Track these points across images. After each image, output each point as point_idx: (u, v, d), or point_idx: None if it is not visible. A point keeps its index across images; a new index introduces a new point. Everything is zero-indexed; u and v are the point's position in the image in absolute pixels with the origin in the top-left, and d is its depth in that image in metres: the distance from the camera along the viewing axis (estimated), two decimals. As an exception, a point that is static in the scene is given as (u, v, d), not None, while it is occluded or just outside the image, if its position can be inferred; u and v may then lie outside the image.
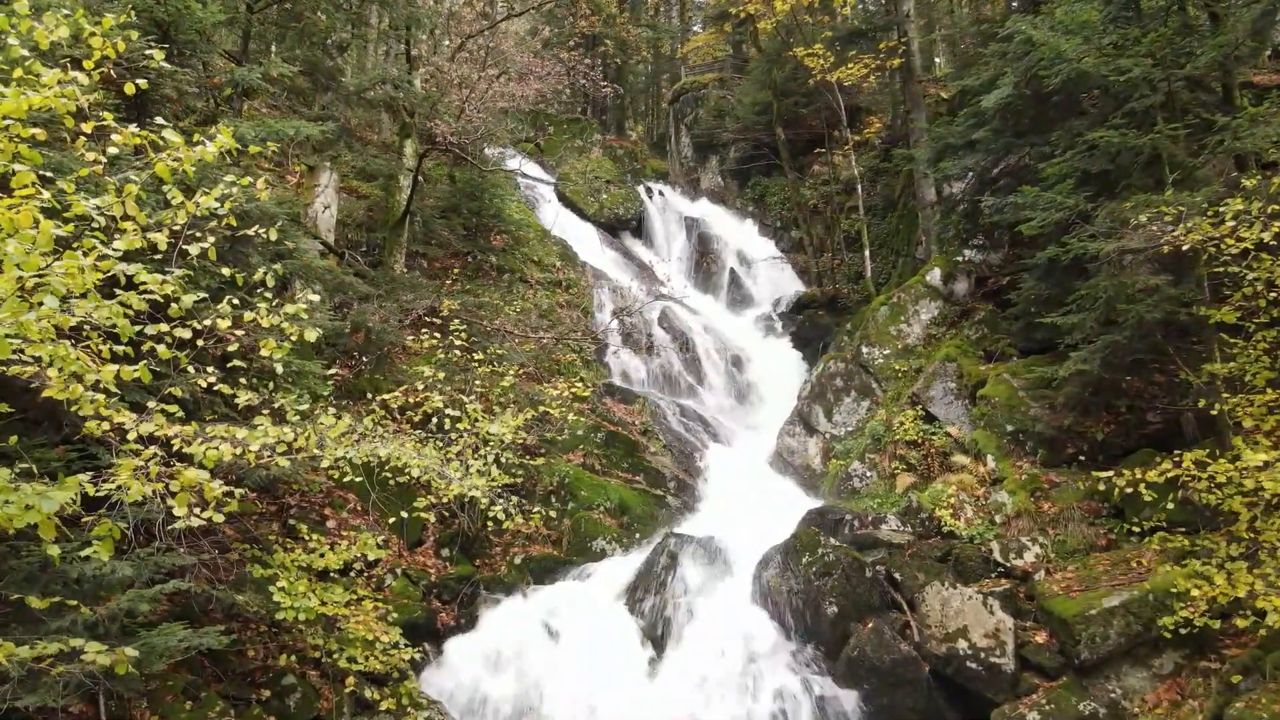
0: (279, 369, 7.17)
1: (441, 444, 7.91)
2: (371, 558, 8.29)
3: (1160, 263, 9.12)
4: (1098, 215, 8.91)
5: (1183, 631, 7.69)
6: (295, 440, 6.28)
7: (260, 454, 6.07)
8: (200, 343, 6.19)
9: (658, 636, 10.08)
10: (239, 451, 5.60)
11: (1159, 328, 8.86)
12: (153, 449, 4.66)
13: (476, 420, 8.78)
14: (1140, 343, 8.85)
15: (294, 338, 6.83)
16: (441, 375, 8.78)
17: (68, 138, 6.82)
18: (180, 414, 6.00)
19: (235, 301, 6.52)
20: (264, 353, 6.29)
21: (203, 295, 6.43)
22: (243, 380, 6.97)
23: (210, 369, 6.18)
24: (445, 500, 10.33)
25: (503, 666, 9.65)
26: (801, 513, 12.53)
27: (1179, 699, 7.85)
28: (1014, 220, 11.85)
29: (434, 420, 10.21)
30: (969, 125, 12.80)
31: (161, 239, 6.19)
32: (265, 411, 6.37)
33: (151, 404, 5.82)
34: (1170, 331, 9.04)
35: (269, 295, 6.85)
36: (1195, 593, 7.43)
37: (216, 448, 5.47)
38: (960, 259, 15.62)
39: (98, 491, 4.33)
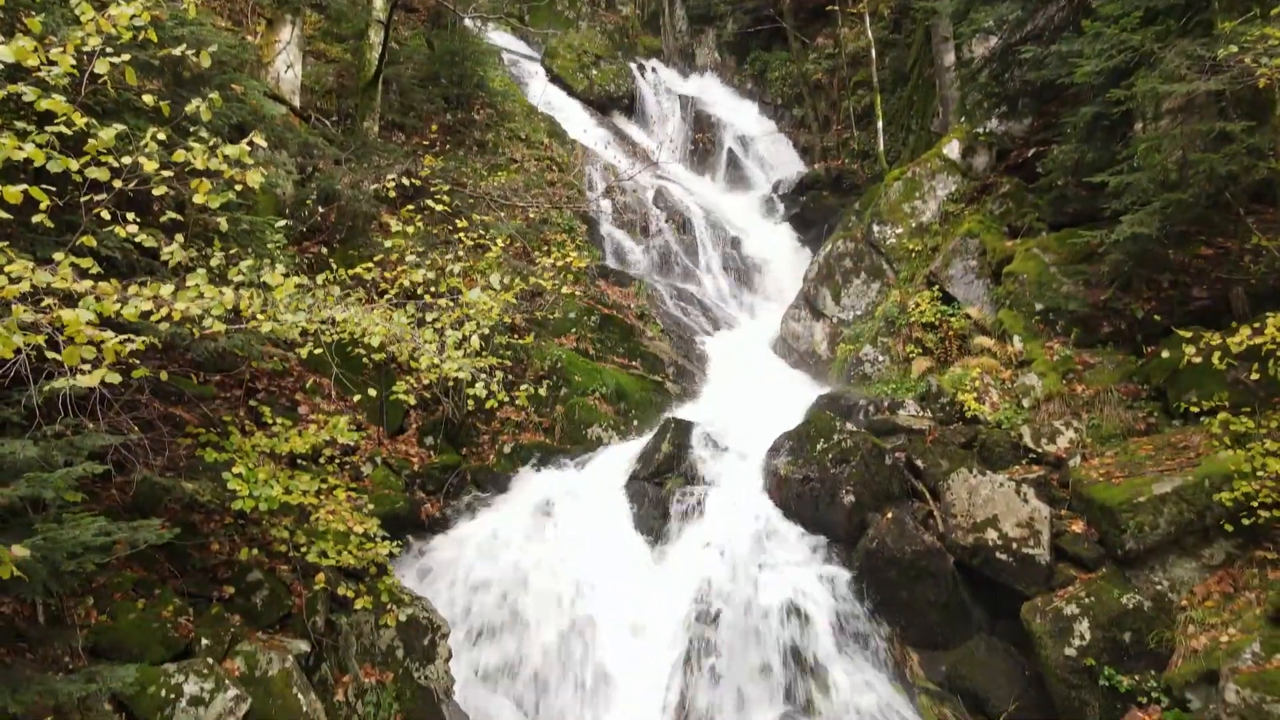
0: (223, 224, 6.15)
1: (417, 311, 6.94)
2: (343, 441, 7.42)
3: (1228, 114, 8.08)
4: (1165, 56, 7.78)
5: (1245, 521, 6.99)
6: (239, 304, 5.29)
7: (194, 319, 5.11)
8: (118, 184, 5.16)
9: (659, 527, 9.39)
10: (162, 312, 4.62)
11: (1227, 185, 7.85)
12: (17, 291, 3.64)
13: (458, 292, 7.79)
14: (1206, 201, 7.85)
15: (238, 186, 5.79)
16: (419, 237, 7.70)
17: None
18: (97, 270, 5.00)
19: (162, 137, 5.44)
20: (197, 198, 5.25)
21: (121, 128, 5.36)
22: (179, 236, 5.94)
23: (131, 216, 5.14)
24: (427, 383, 9.45)
25: (492, 559, 8.95)
26: (808, 400, 11.79)
27: (1232, 591, 7.20)
28: (1054, 77, 10.69)
29: (413, 299, 9.28)
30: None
31: (66, 60, 5.09)
32: (201, 270, 5.36)
33: (59, 255, 4.82)
34: (1239, 192, 8.05)
35: (205, 134, 5.79)
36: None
37: (135, 306, 4.50)
38: (981, 131, 14.43)
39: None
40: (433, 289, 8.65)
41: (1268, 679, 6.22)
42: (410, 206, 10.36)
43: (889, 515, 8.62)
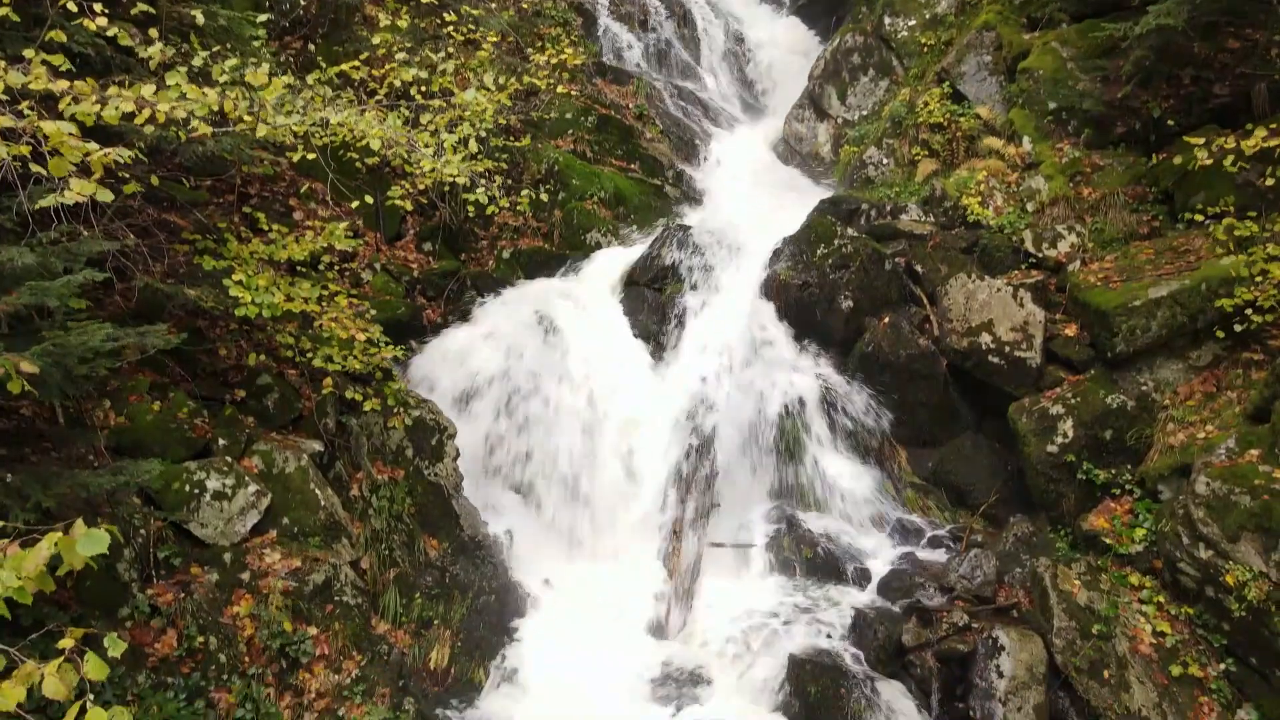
0: (199, 18, 5.83)
1: (409, 112, 6.70)
2: (341, 248, 7.41)
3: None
4: None
5: (1238, 328, 7.09)
6: (224, 105, 5.10)
7: (179, 121, 4.94)
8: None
9: (658, 331, 9.53)
10: (145, 114, 4.46)
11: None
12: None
13: (450, 92, 7.48)
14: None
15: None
16: (407, 32, 7.28)
17: None
18: (69, 68, 4.78)
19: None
20: (168, -11, 4.94)
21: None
22: (153, 31, 5.64)
23: (99, 9, 4.85)
24: (422, 188, 9.28)
25: (495, 361, 9.14)
26: (810, 203, 11.59)
27: (1214, 391, 7.42)
28: None
29: (404, 100, 8.93)
30: None
31: None
32: (181, 69, 5.12)
33: (29, 52, 4.58)
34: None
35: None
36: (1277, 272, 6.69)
37: (116, 108, 4.33)
38: (1007, -94, 13.35)
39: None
40: (424, 89, 8.31)
41: (1238, 472, 6.51)
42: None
43: (886, 320, 8.73)
